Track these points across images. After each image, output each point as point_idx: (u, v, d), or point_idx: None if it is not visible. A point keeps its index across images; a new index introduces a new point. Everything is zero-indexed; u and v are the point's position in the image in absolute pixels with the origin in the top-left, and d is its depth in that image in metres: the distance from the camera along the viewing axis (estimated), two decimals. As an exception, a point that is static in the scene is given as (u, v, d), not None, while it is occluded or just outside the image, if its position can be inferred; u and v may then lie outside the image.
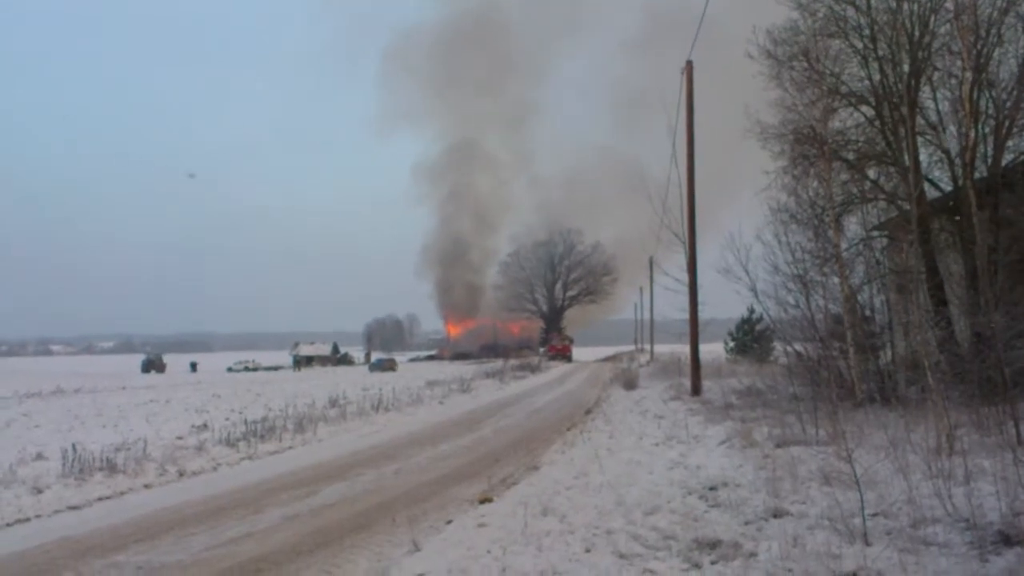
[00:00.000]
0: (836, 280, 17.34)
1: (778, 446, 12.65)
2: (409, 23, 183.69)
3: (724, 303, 27.83)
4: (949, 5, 16.03)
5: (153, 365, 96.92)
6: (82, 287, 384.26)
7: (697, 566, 6.91)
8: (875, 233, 19.51)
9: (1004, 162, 16.46)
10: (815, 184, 18.18)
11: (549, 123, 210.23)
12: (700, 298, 25.66)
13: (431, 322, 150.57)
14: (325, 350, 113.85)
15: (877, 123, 18.18)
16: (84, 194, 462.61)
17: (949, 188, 17.54)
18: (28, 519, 11.14)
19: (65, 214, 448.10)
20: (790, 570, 6.44)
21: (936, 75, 17.59)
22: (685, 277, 25.75)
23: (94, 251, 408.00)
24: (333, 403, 27.13)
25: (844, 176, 18.96)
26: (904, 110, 16.81)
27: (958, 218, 16.51)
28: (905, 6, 17.12)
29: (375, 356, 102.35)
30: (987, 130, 16.59)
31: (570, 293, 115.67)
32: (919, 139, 17.40)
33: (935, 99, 17.69)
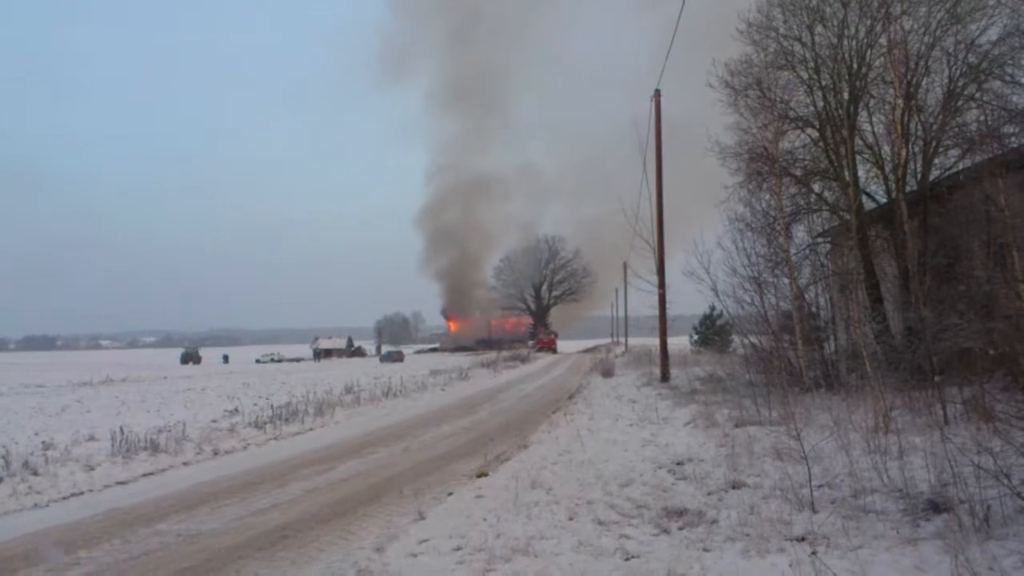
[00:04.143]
0: (786, 281, 17.41)
1: (736, 426, 12.66)
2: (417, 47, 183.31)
3: (689, 301, 27.96)
4: (883, 41, 16.05)
5: (190, 357, 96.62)
6: (128, 289, 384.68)
7: (666, 532, 6.91)
8: (820, 240, 19.54)
9: (932, 177, 16.51)
10: (767, 197, 18.26)
11: (538, 143, 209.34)
12: (668, 297, 25.73)
13: (434, 318, 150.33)
14: (341, 343, 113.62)
15: (821, 144, 18.20)
16: (130, 206, 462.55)
17: (884, 200, 17.57)
18: (82, 493, 11.11)
19: (114, 224, 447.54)
20: (748, 535, 6.44)
21: (872, 102, 17.63)
22: (655, 279, 25.79)
23: (139, 257, 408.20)
24: (348, 390, 27.07)
25: (792, 190, 19.01)
26: (844, 132, 16.84)
27: (892, 226, 16.54)
28: (844, 42, 17.17)
29: (385, 349, 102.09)
30: (917, 149, 16.63)
31: (555, 293, 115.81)
32: (857, 157, 17.44)
33: (871, 123, 17.72)
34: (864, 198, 17.81)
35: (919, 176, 16.55)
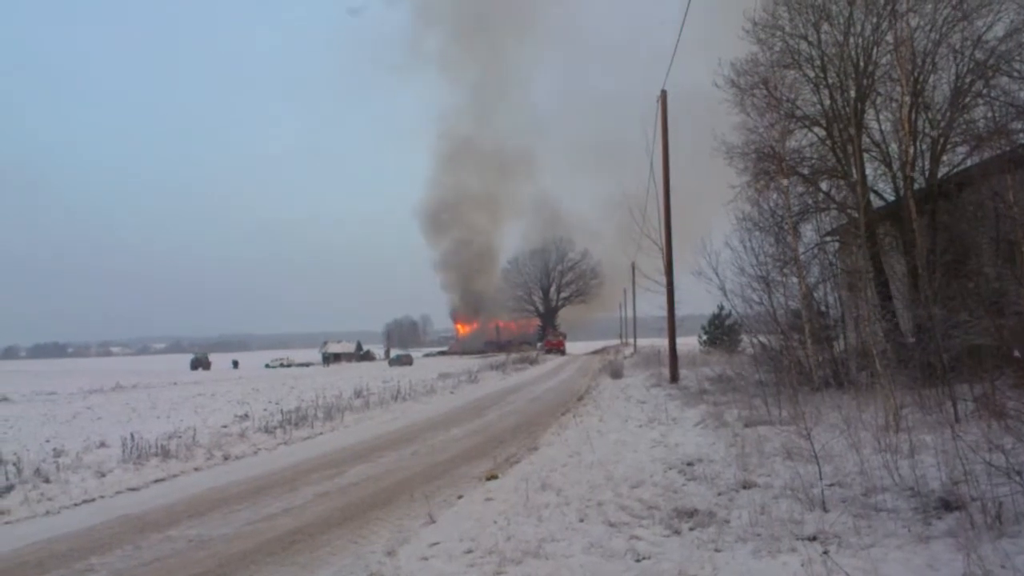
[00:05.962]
0: (795, 280, 17.36)
1: (746, 426, 12.63)
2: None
3: (697, 301, 27.80)
4: (889, 38, 16.01)
5: (200, 363, 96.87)
6: (138, 296, 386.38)
7: (677, 532, 6.90)
8: (828, 238, 19.49)
9: (940, 174, 16.44)
10: (775, 196, 18.19)
11: (547, 140, 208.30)
12: (676, 297, 25.66)
13: (442, 321, 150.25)
14: (350, 348, 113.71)
15: (828, 142, 18.15)
16: (139, 213, 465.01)
17: (892, 198, 17.52)
18: (93, 499, 11.16)
19: (124, 232, 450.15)
20: (759, 535, 6.43)
21: (879, 99, 17.56)
22: (663, 279, 25.74)
23: (149, 264, 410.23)
24: (358, 394, 27.11)
25: (800, 189, 18.96)
26: (851, 130, 16.79)
27: (901, 224, 16.49)
28: (851, 40, 17.11)
29: (394, 352, 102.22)
30: (924, 147, 16.58)
31: (563, 295, 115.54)
32: (865, 155, 17.36)
33: (879, 120, 17.66)
34: (872, 196, 17.75)
35: (927, 173, 16.50)
